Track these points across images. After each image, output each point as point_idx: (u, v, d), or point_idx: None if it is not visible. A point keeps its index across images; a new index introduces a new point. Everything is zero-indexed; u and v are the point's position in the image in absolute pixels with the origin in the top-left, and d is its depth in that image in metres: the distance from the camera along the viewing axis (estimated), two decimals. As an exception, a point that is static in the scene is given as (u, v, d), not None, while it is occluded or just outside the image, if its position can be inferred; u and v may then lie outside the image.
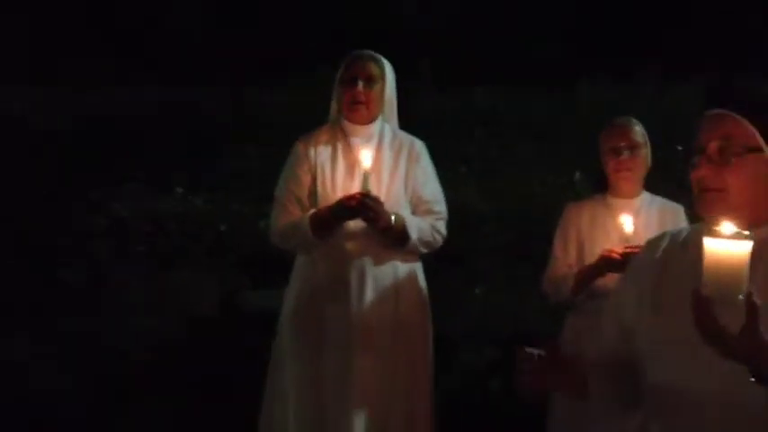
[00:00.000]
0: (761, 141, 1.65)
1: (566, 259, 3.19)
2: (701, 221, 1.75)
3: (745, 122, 1.65)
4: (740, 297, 1.45)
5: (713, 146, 1.66)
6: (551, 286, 3.21)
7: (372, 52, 3.24)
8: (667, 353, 1.67)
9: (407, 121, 3.36)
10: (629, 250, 2.93)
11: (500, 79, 7.87)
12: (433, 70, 7.88)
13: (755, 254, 1.48)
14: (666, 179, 3.47)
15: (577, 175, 5.61)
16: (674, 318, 1.66)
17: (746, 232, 1.48)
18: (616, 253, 2.97)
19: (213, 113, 7.83)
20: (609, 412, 1.84)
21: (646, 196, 3.18)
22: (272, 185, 3.33)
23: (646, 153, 3.17)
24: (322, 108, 3.36)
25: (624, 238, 3.00)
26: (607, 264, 2.99)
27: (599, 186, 3.25)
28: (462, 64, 8.46)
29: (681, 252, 1.75)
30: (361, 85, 3.15)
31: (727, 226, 1.49)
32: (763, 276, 1.56)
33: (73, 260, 5.76)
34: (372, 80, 3.17)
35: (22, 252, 5.79)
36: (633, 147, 3.13)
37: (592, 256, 3.09)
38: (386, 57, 3.27)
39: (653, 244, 1.83)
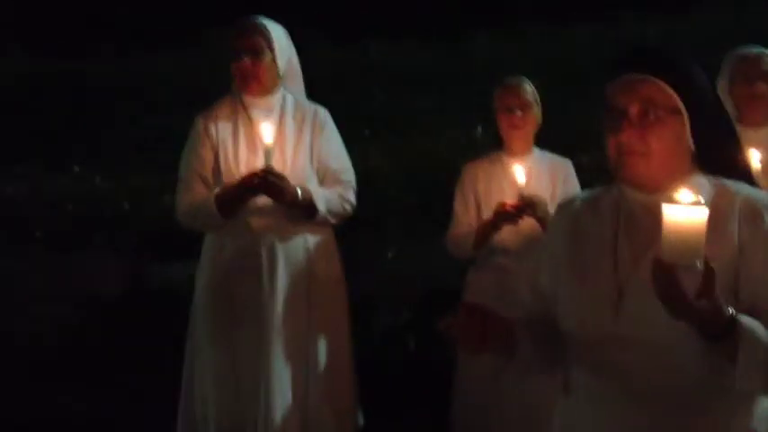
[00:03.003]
0: (680, 104, 1.67)
1: (466, 217, 3.31)
2: (611, 180, 1.76)
3: (664, 85, 1.67)
4: (698, 263, 1.50)
5: (634, 109, 1.67)
6: (454, 245, 3.33)
7: (257, 20, 3.11)
8: (589, 307, 1.72)
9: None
10: (521, 202, 3.08)
11: (394, 33, 7.83)
12: (326, 24, 7.78)
13: None
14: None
15: (479, 129, 5.65)
16: (593, 275, 1.72)
17: (702, 199, 1.51)
18: (509, 205, 3.10)
19: (100, 84, 7.57)
20: (535, 369, 1.87)
21: (536, 152, 3.30)
22: (169, 155, 3.23)
23: (537, 112, 3.28)
24: (209, 72, 3.26)
25: (517, 188, 3.12)
26: (501, 217, 3.12)
27: (497, 144, 3.34)
28: (355, 17, 8.38)
29: (592, 214, 1.78)
30: (246, 59, 3.06)
31: (685, 194, 1.51)
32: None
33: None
34: (258, 51, 3.06)
35: None
36: (524, 106, 3.24)
37: (489, 213, 3.20)
38: (276, 13, 3.16)
39: (565, 207, 1.87)
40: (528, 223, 3.10)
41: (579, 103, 5.91)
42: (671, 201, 1.50)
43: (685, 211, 1.49)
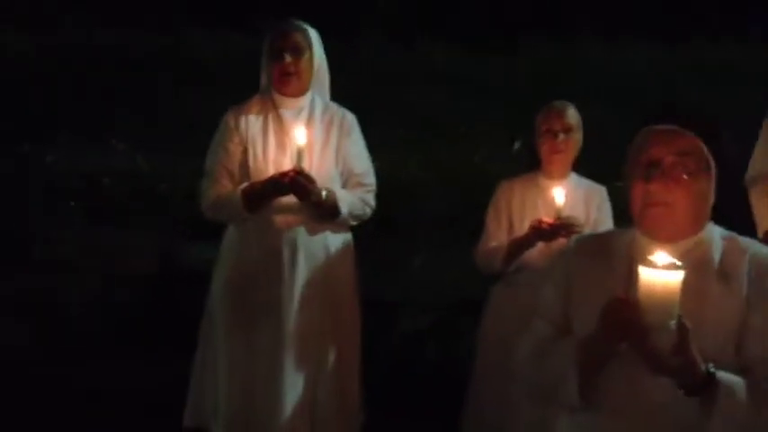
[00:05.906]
0: (711, 160, 1.69)
1: (497, 233, 3.30)
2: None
3: (700, 142, 1.68)
4: (672, 323, 1.53)
5: (669, 160, 1.68)
6: (483, 259, 3.32)
7: (297, 21, 3.20)
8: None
9: (348, 78, 3.30)
10: (558, 222, 3.07)
11: (450, 36, 7.80)
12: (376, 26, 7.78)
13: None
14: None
15: (516, 145, 5.62)
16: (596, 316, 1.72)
17: (678, 262, 1.54)
18: (545, 223, 3.08)
19: (144, 58, 7.61)
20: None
21: (573, 177, 3.29)
22: (208, 140, 3.28)
23: (579, 136, 3.26)
24: (253, 62, 3.30)
25: (555, 210, 3.10)
26: (536, 234, 3.11)
27: (532, 164, 3.32)
28: (405, 19, 8.37)
29: (605, 257, 1.79)
30: (288, 57, 3.11)
31: (661, 256, 1.53)
32: (689, 287, 1.59)
33: (4, 216, 5.60)
34: (299, 50, 3.13)
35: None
36: (568, 130, 3.22)
37: (522, 232, 3.20)
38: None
39: (578, 245, 1.89)
40: (558, 244, 3.07)
41: (622, 125, 5.84)
42: (647, 264, 1.53)
43: (660, 274, 1.52)
